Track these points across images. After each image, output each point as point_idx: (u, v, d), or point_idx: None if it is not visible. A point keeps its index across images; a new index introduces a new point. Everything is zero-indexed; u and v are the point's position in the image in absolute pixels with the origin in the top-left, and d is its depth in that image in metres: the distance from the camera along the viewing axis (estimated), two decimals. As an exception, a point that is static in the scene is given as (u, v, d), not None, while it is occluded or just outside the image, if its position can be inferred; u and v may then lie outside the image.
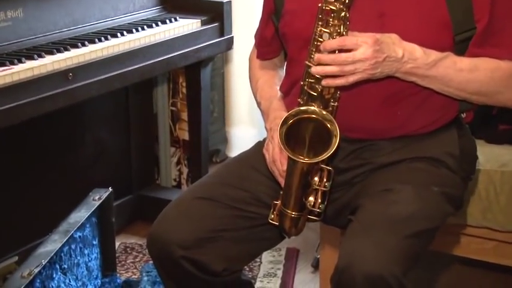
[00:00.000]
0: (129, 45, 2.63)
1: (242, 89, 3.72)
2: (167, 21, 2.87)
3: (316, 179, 1.82)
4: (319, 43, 1.74)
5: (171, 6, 3.03)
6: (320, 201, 1.83)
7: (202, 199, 1.90)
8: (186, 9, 2.99)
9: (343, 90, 1.79)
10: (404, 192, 1.79)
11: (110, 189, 2.46)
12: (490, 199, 2.27)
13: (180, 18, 2.93)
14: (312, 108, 1.78)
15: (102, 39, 2.59)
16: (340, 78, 1.74)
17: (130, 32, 2.70)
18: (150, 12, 2.97)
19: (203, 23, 2.95)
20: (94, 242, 2.42)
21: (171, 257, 1.86)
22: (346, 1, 1.72)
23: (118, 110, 3.12)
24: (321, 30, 1.74)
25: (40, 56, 2.38)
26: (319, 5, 1.74)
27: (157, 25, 2.82)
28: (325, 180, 1.81)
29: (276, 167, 1.89)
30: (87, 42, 2.54)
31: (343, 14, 1.72)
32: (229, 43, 3.06)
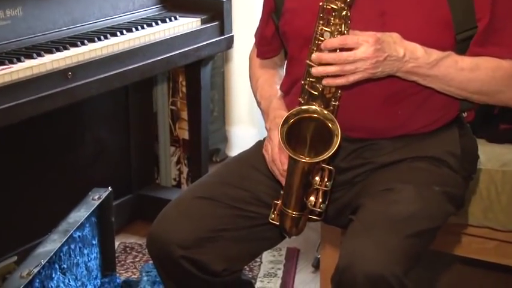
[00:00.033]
0: (129, 44, 2.63)
1: (242, 88, 3.71)
2: (167, 20, 2.86)
3: (317, 178, 1.81)
4: (320, 42, 1.74)
5: (171, 5, 3.03)
6: (321, 200, 1.83)
7: (202, 199, 1.90)
8: (186, 7, 2.99)
9: (344, 90, 1.78)
10: (406, 192, 1.79)
11: (110, 189, 2.46)
12: (491, 199, 2.26)
13: (180, 17, 2.92)
14: (313, 107, 1.77)
15: (102, 38, 2.59)
16: (341, 77, 1.73)
17: (130, 30, 2.70)
18: (150, 11, 2.97)
19: (203, 22, 2.94)
20: (93, 241, 2.42)
21: (170, 257, 1.86)
22: (348, 0, 1.71)
23: (118, 109, 3.11)
24: (322, 29, 1.74)
25: (39, 55, 2.37)
26: (320, 4, 1.73)
27: (157, 24, 2.81)
28: (326, 179, 1.81)
29: (276, 167, 1.88)
30: (86, 41, 2.53)
31: (344, 12, 1.72)
32: (229, 42, 3.06)
